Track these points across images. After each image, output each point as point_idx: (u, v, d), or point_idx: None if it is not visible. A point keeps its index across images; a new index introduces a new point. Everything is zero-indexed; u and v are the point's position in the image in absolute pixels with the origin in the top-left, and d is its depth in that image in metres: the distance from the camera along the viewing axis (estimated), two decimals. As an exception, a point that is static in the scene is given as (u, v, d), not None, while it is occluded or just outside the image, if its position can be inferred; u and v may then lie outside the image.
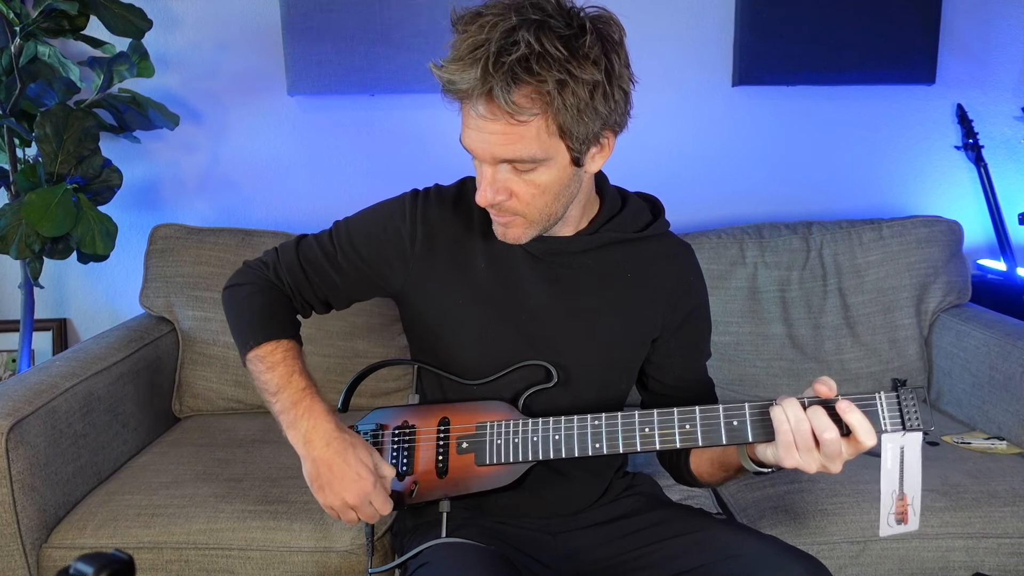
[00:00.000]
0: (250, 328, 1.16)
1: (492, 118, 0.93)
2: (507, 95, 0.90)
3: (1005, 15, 2.24)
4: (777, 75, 2.18)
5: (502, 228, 1.06)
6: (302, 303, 1.22)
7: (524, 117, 0.92)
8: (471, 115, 0.96)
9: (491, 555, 1.05)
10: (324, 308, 1.23)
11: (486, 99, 0.92)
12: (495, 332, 1.14)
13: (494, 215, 1.05)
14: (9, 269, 2.25)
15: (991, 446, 1.69)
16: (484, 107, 0.93)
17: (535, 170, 0.98)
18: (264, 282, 1.21)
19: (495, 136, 0.95)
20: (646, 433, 1.00)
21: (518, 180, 0.99)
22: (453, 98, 0.96)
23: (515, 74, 0.90)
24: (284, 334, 1.15)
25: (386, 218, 1.17)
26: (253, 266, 1.24)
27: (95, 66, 1.96)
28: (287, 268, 1.20)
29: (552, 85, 0.90)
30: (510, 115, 0.92)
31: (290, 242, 1.22)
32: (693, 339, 1.21)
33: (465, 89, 0.92)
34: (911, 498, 0.94)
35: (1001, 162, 2.29)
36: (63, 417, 1.50)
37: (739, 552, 1.03)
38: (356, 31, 2.09)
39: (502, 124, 0.93)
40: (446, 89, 0.95)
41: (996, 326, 1.86)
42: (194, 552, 1.41)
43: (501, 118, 0.93)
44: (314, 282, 1.19)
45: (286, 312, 1.19)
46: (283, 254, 1.21)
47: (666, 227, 1.19)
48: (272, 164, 2.25)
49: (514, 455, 1.07)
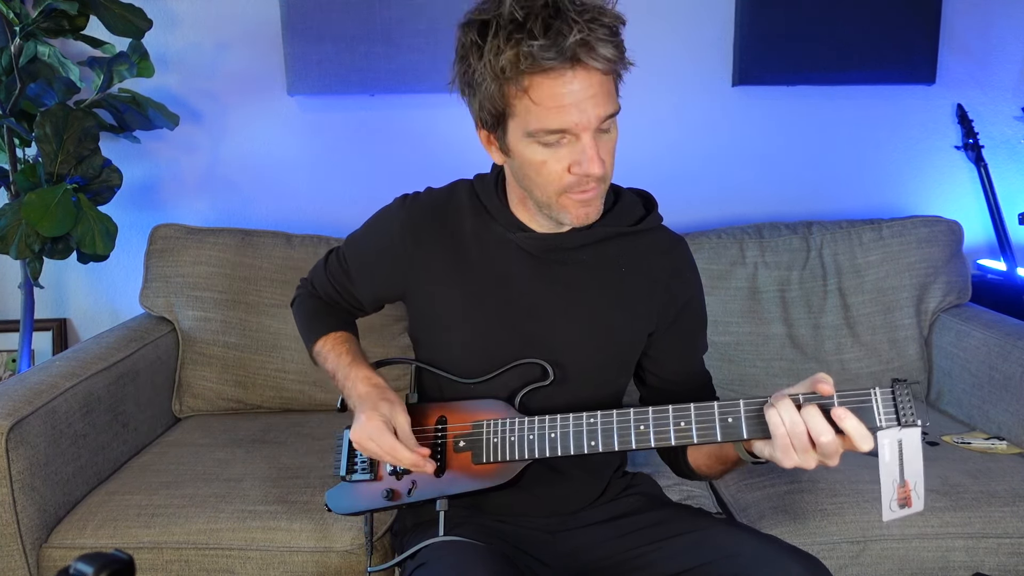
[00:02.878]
0: (305, 334, 1.31)
1: (587, 74, 0.95)
2: (604, 48, 0.93)
3: (1005, 15, 2.24)
4: (777, 75, 2.18)
5: (586, 208, 1.04)
6: (345, 308, 1.32)
7: (608, 67, 0.95)
8: (560, 84, 0.95)
9: (490, 553, 1.05)
10: (363, 312, 1.33)
11: (585, 57, 0.93)
12: (491, 331, 1.14)
13: (581, 195, 1.03)
14: (9, 269, 2.25)
15: (991, 446, 1.69)
16: (580, 68, 0.94)
17: (613, 127, 1.02)
18: (309, 295, 1.35)
19: (596, 96, 0.96)
20: (641, 431, 1.00)
21: (605, 143, 1.00)
22: (535, 73, 0.94)
23: (601, 24, 0.93)
24: (329, 329, 1.27)
25: (378, 227, 1.23)
26: (302, 282, 1.38)
27: (95, 66, 1.96)
28: (319, 284, 1.33)
29: (620, 44, 0.96)
30: (603, 69, 0.95)
31: (321, 259, 1.34)
32: (689, 332, 1.21)
33: (564, 50, 0.92)
34: (913, 483, 0.93)
35: (1001, 162, 2.30)
36: (63, 417, 1.50)
37: (739, 552, 1.03)
38: (356, 31, 2.09)
39: (598, 78, 0.96)
40: (531, 68, 0.94)
41: (996, 326, 1.86)
42: (194, 552, 1.41)
43: (596, 74, 0.95)
44: (343, 293, 1.30)
45: (329, 312, 1.31)
46: (315, 272, 1.35)
47: (659, 221, 1.19)
48: (272, 164, 2.25)
49: (511, 453, 1.07)
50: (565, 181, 1.01)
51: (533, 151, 1.00)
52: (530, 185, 1.05)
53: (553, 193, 1.03)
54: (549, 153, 1.00)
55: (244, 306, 1.96)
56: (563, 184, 1.01)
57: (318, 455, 1.66)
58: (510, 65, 0.94)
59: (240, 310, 1.96)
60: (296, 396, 1.97)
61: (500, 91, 0.98)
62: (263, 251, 1.99)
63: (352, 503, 1.17)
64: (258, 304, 1.97)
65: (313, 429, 1.82)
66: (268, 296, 1.97)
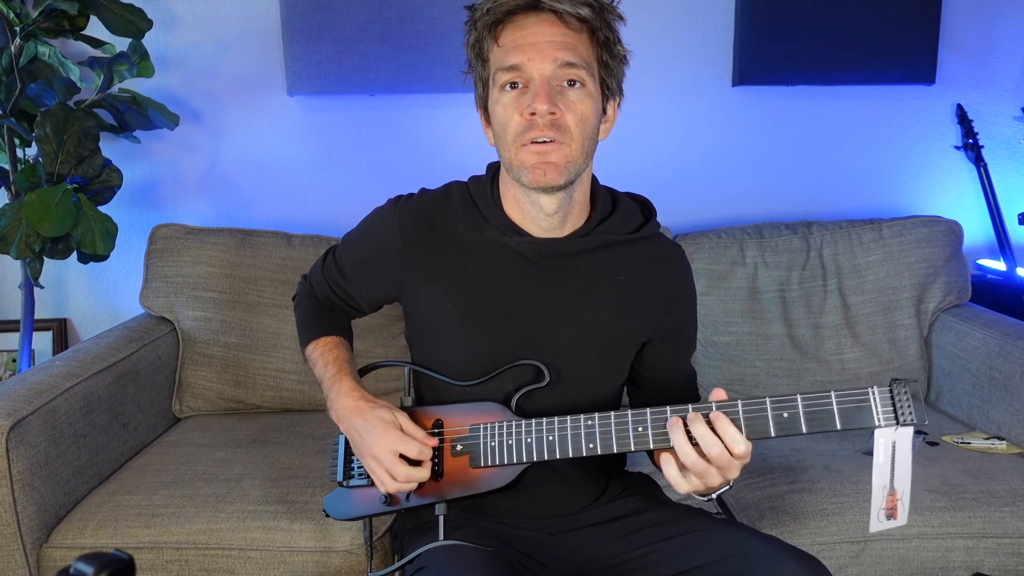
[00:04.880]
0: (300, 335, 1.30)
1: (551, 24, 1.01)
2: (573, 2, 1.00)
3: (1005, 15, 2.24)
4: (777, 75, 2.18)
5: (542, 163, 1.02)
6: (342, 309, 1.31)
7: (579, 25, 1.01)
8: (522, 28, 1.02)
9: (491, 556, 1.05)
10: (360, 312, 1.32)
11: (549, 6, 1.01)
12: (484, 334, 1.14)
13: (535, 146, 1.02)
14: (9, 269, 2.25)
15: (991, 446, 1.69)
16: (544, 14, 1.01)
17: (583, 88, 1.03)
18: (307, 295, 1.33)
19: (555, 41, 1.01)
20: (640, 432, 1.00)
21: (565, 98, 1.02)
22: (498, 15, 1.02)
23: None
24: (319, 334, 1.26)
25: (371, 228, 1.23)
26: (302, 279, 1.37)
27: (95, 66, 1.96)
28: (316, 284, 1.31)
29: (599, 7, 1.02)
30: (569, 23, 1.01)
31: (319, 259, 1.32)
32: (684, 338, 1.23)
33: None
34: (901, 493, 0.94)
35: (1001, 162, 2.30)
36: (63, 417, 1.50)
37: (739, 552, 1.03)
38: (356, 31, 2.09)
39: (561, 29, 1.01)
40: (495, 9, 1.02)
41: (996, 326, 1.86)
42: (194, 552, 1.41)
43: (559, 25, 1.01)
44: (339, 294, 1.28)
45: (323, 315, 1.30)
46: (313, 271, 1.33)
47: (657, 228, 1.19)
48: (272, 164, 2.25)
49: (508, 456, 1.06)
50: (520, 127, 1.03)
51: (498, 102, 1.05)
52: (500, 145, 1.08)
53: (512, 145, 1.04)
54: (509, 101, 1.04)
55: (244, 306, 1.96)
56: (518, 131, 1.03)
57: (318, 455, 1.66)
58: (485, 15, 1.03)
59: (240, 310, 1.96)
60: (296, 396, 1.97)
61: (482, 50, 1.06)
62: (263, 251, 1.99)
63: (350, 508, 1.17)
64: (258, 304, 1.97)
65: (313, 429, 1.82)
66: (268, 296, 1.97)
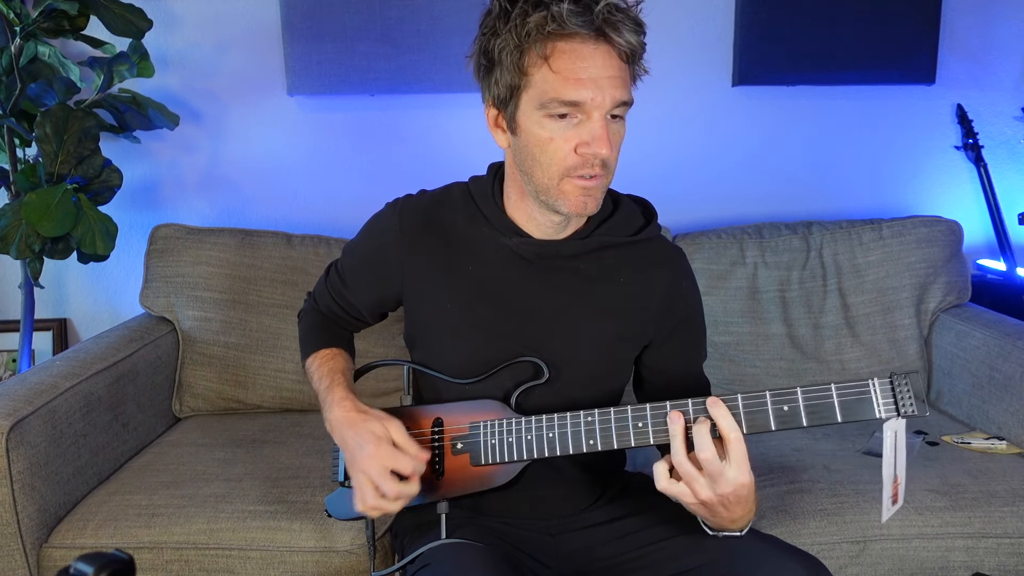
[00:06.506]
0: (301, 350, 1.30)
1: (607, 56, 0.97)
2: (628, 32, 0.96)
3: (1005, 15, 2.24)
4: (777, 75, 2.18)
5: (585, 197, 1.02)
6: (345, 321, 1.31)
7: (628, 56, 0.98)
8: (581, 58, 0.96)
9: (492, 555, 1.05)
10: (364, 323, 1.32)
11: (609, 38, 0.96)
12: (485, 333, 1.14)
13: (583, 181, 1.01)
14: (9, 269, 2.25)
15: (991, 446, 1.69)
16: (603, 43, 0.96)
17: (623, 120, 1.02)
18: (311, 310, 1.34)
19: (613, 77, 0.97)
20: (639, 428, 1.00)
21: (613, 132, 1.01)
22: (559, 38, 0.96)
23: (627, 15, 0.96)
24: (317, 347, 1.26)
25: (371, 233, 1.23)
26: (307, 298, 1.37)
27: (95, 66, 1.96)
28: (320, 297, 1.32)
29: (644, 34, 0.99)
30: (621, 55, 0.98)
31: (322, 274, 1.33)
32: (687, 343, 1.21)
33: (592, 18, 0.94)
34: (901, 478, 0.96)
35: (1001, 162, 2.30)
36: (63, 417, 1.50)
37: (739, 552, 1.03)
38: (356, 31, 2.09)
39: (617, 63, 0.98)
40: (556, 31, 0.95)
41: (996, 326, 1.86)
42: (194, 552, 1.41)
43: (614, 58, 0.97)
44: (342, 304, 1.28)
45: (323, 328, 1.30)
46: (318, 285, 1.34)
47: (658, 231, 1.19)
48: (272, 164, 2.25)
49: (509, 454, 1.06)
50: (570, 161, 1.00)
51: (542, 126, 1.00)
52: (532, 166, 1.03)
53: (556, 175, 1.01)
54: (558, 130, 1.00)
55: (244, 306, 1.96)
56: (567, 165, 1.00)
57: (318, 455, 1.66)
58: (536, 28, 0.95)
59: (240, 310, 1.96)
60: (296, 396, 1.97)
61: (520, 59, 0.98)
62: (263, 251, 1.99)
63: (352, 508, 1.16)
64: (258, 304, 1.97)
65: (313, 429, 1.82)
66: (268, 296, 1.97)
